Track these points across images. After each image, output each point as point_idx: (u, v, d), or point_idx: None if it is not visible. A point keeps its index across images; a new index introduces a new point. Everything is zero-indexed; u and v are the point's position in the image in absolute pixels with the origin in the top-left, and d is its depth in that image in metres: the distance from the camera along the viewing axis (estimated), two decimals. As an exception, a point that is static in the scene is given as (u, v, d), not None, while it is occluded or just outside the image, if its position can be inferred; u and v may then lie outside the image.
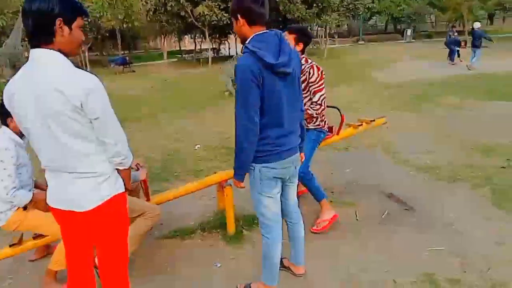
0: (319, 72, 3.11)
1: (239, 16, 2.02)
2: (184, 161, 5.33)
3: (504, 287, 2.45)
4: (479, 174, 4.23)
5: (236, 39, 27.50)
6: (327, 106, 3.31)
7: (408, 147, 5.30)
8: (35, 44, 1.58)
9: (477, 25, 14.18)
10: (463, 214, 3.42)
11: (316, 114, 3.17)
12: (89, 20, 19.07)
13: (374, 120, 4.07)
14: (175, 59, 25.74)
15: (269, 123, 2.06)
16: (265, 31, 2.02)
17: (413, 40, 31.23)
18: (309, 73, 3.11)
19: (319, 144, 3.42)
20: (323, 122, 3.36)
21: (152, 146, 6.12)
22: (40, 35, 1.58)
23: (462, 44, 15.57)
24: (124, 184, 1.87)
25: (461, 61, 14.71)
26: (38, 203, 2.60)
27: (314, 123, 3.31)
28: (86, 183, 1.72)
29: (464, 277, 2.57)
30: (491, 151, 4.97)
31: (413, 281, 2.56)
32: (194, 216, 3.61)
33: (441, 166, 4.54)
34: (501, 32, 32.17)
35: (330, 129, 3.54)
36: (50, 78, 1.55)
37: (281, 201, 2.40)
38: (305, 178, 3.23)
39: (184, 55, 27.10)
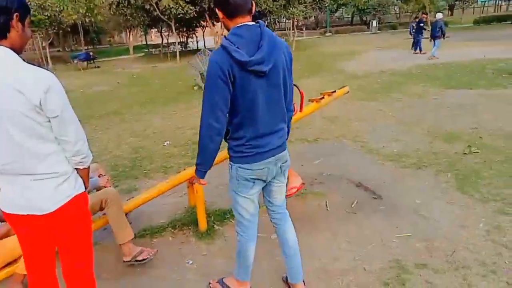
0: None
1: (217, 9, 1.91)
2: (154, 158, 5.23)
3: (467, 269, 2.55)
4: (443, 161, 4.38)
5: (204, 32, 27.22)
6: None
7: (376, 136, 5.42)
8: None
9: (439, 15, 14.60)
10: (428, 200, 3.53)
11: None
12: (49, 14, 18.34)
13: (335, 91, 3.90)
14: (142, 54, 25.23)
15: (244, 123, 1.95)
16: (244, 23, 1.87)
17: (379, 31, 31.92)
18: None
19: None
20: None
21: (120, 144, 5.97)
22: None
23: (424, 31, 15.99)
24: (84, 184, 1.83)
25: (423, 53, 15.12)
26: None
27: None
28: (46, 185, 1.66)
29: (431, 261, 2.66)
30: (453, 138, 5.15)
31: (383, 268, 2.62)
32: (164, 214, 3.55)
33: (407, 154, 4.66)
34: (460, 23, 33.36)
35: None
36: (5, 75, 1.48)
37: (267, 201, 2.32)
38: None
39: (151, 50, 26.58)
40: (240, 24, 1.87)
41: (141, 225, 3.37)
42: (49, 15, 18.75)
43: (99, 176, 2.97)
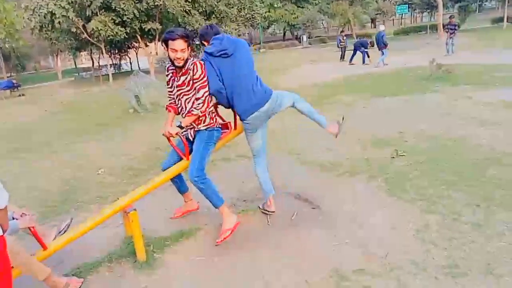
0: (203, 69, 3.11)
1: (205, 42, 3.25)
2: (87, 189, 4.96)
3: (401, 270, 2.68)
4: (374, 166, 4.62)
5: (137, 53, 26.66)
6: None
7: (310, 148, 5.59)
8: None
9: (381, 27, 15.61)
10: (362, 206, 3.69)
11: (202, 113, 3.13)
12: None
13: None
14: (72, 78, 24.14)
15: None
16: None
17: (310, 45, 33.35)
18: (193, 71, 3.09)
19: (215, 144, 3.34)
20: (213, 120, 3.31)
21: (49, 178, 5.59)
22: None
23: (369, 45, 16.95)
24: (1, 227, 1.69)
25: (368, 63, 16.03)
26: None
27: (204, 122, 3.25)
28: None
29: (367, 266, 2.77)
30: (382, 143, 5.47)
31: (323, 278, 2.69)
32: (99, 248, 3.35)
33: (340, 163, 4.86)
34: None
35: (225, 126, 3.49)
36: None
37: None
38: (199, 183, 3.07)
39: (81, 73, 25.52)
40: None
41: (74, 262, 3.15)
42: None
43: (21, 216, 2.73)
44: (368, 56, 16.49)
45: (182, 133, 3.23)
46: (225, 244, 3.24)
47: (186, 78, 3.15)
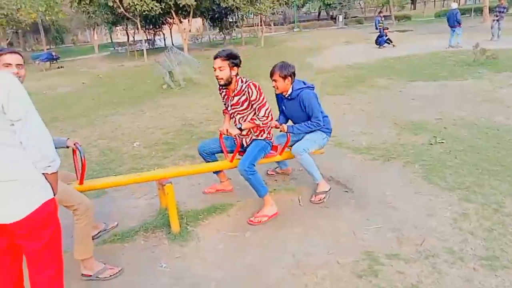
0: (257, 89, 3.24)
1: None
2: (123, 160, 5.10)
3: (436, 257, 2.62)
4: (410, 152, 4.50)
5: (171, 29, 26.78)
6: None
7: (345, 130, 5.50)
8: None
9: (453, 5, 14.91)
10: (397, 191, 3.61)
11: (263, 124, 3.29)
12: (5, 13, 17.55)
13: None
14: (108, 52, 24.60)
15: None
16: None
17: (345, 26, 32.43)
18: (249, 93, 3.24)
19: (264, 156, 3.48)
20: (270, 135, 3.49)
21: (87, 147, 5.78)
22: None
23: (385, 31, 16.30)
24: (53, 189, 1.76)
25: (393, 45, 15.48)
26: None
27: (262, 135, 3.43)
28: (12, 192, 1.60)
29: (401, 251, 2.72)
30: (419, 129, 5.30)
31: (355, 260, 2.66)
32: (135, 217, 3.47)
33: (376, 147, 4.76)
34: (422, 16, 34.37)
35: (275, 148, 3.60)
36: None
37: None
38: (248, 174, 3.21)
39: (116, 48, 25.94)
40: None
41: (111, 230, 3.28)
42: (5, 13, 17.92)
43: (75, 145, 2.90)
44: (391, 42, 15.85)
45: (240, 136, 3.38)
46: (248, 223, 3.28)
47: (240, 98, 3.32)
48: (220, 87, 3.41)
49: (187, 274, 2.70)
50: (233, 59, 3.19)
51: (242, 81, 3.27)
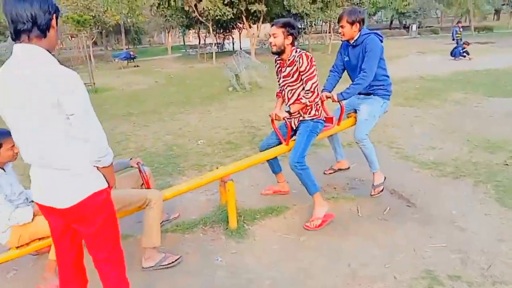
0: (309, 60, 3.13)
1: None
2: (187, 156, 5.35)
3: (504, 285, 2.44)
4: (483, 171, 4.21)
5: (240, 34, 27.50)
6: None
7: (412, 143, 5.28)
8: (22, 39, 1.60)
9: None
10: (465, 210, 3.41)
11: (310, 102, 3.19)
12: (94, 15, 19.12)
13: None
14: (180, 54, 25.79)
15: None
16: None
17: (418, 36, 31.04)
18: (299, 63, 3.15)
19: (317, 135, 3.40)
20: (318, 112, 3.36)
21: (155, 141, 6.14)
22: (35, 30, 1.60)
23: (465, 45, 15.32)
24: (108, 182, 1.86)
25: (470, 58, 14.57)
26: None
27: (309, 113, 3.32)
28: (64, 180, 1.72)
29: (465, 273, 2.57)
30: (495, 147, 4.94)
31: (414, 277, 2.56)
32: (195, 211, 3.63)
33: (444, 163, 4.52)
34: (507, 28, 31.82)
35: (330, 120, 3.50)
36: (37, 72, 1.57)
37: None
38: (298, 168, 3.17)
39: (188, 50, 27.13)
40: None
41: (174, 220, 3.46)
42: (93, 15, 19.56)
43: (137, 165, 3.11)
44: (468, 54, 14.81)
45: (288, 119, 3.33)
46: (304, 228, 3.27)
47: (291, 69, 3.25)
48: (276, 59, 3.38)
49: (242, 270, 2.77)
50: (289, 27, 3.12)
51: (296, 51, 3.19)
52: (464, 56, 14.89)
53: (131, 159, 3.18)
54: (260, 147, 3.67)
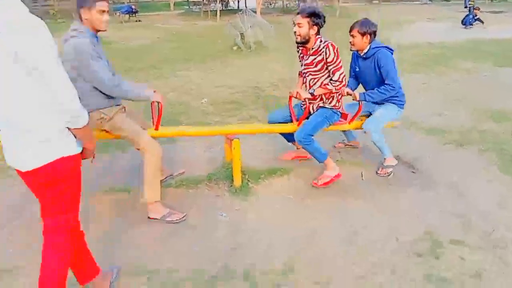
0: (335, 51, 3.09)
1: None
2: (191, 114, 5.29)
3: (504, 249, 2.48)
4: (488, 140, 4.18)
5: (245, -9, 26.52)
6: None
7: (418, 110, 5.22)
8: None
9: None
10: (468, 177, 3.41)
11: (336, 90, 3.17)
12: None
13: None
14: (182, 10, 25.05)
15: None
16: None
17: (430, 2, 30.06)
18: (326, 53, 3.09)
19: (329, 125, 3.37)
20: (339, 104, 3.35)
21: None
22: None
23: (476, 11, 14.81)
24: (83, 146, 1.77)
25: (484, 27, 14.17)
26: None
27: (330, 102, 3.30)
28: (29, 142, 1.61)
29: (466, 237, 2.60)
30: (503, 117, 4.88)
31: (416, 239, 2.60)
32: (200, 168, 3.63)
33: (449, 130, 4.49)
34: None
35: (344, 116, 3.47)
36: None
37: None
38: (304, 143, 3.18)
39: (191, 7, 26.29)
40: None
41: (178, 176, 3.46)
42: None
43: (154, 91, 2.96)
44: (481, 21, 14.39)
45: (309, 101, 3.29)
46: (316, 189, 3.29)
47: (315, 58, 3.18)
48: (298, 46, 3.30)
49: (245, 226, 2.80)
50: (315, 17, 3.05)
51: (321, 41, 3.13)
52: (478, 22, 14.46)
53: (155, 91, 2.97)
54: (268, 118, 3.57)
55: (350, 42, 3.40)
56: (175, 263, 2.43)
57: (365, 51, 3.39)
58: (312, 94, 3.21)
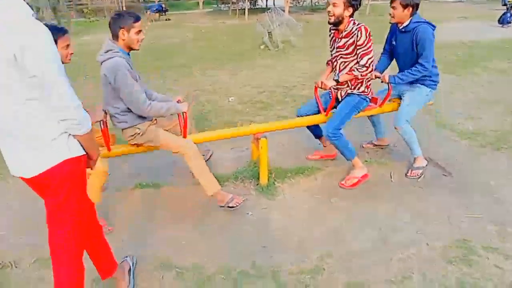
0: (367, 34, 3.00)
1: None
2: (219, 112, 5.33)
3: (543, 259, 2.37)
4: (526, 144, 4.01)
5: (273, -10, 26.47)
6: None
7: (451, 111, 5.06)
8: None
9: None
10: (504, 182, 3.28)
11: (362, 76, 3.09)
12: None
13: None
14: (211, 9, 25.23)
15: None
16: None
17: (464, 0, 29.11)
18: (357, 36, 3.02)
19: (359, 112, 3.31)
20: (368, 89, 3.27)
21: (187, 97, 6.12)
22: None
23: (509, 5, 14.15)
24: (88, 151, 1.74)
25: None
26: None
27: (359, 88, 3.23)
28: (28, 147, 1.58)
29: (502, 246, 2.50)
30: (540, 120, 4.67)
31: (448, 245, 2.52)
32: (227, 166, 3.65)
33: (484, 133, 4.33)
34: None
35: (374, 100, 3.38)
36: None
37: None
38: (333, 138, 3.13)
39: (220, 5, 26.47)
40: None
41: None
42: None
43: (178, 101, 3.08)
44: None
45: (335, 88, 3.23)
46: (344, 189, 3.24)
47: (347, 41, 3.11)
48: (331, 28, 3.23)
49: (272, 225, 2.80)
50: None
51: (354, 23, 3.05)
52: (511, 23, 13.87)
53: (179, 100, 3.09)
54: (297, 112, 3.55)
55: (390, 14, 3.28)
56: (202, 260, 2.46)
57: (405, 24, 3.22)
58: (337, 81, 3.14)
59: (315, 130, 3.65)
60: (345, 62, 3.18)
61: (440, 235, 2.64)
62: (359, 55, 3.06)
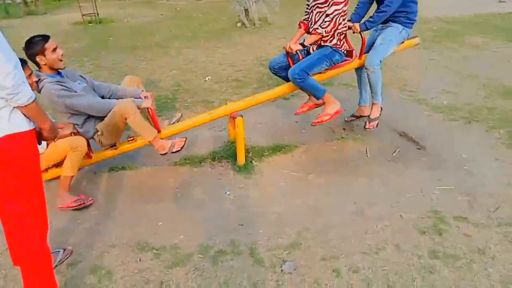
0: None
1: None
2: (194, 92, 5.25)
3: (509, 226, 2.47)
4: (497, 117, 4.11)
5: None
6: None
7: (425, 86, 5.13)
8: None
9: None
10: (476, 155, 3.37)
11: (326, 33, 3.05)
12: None
13: (403, 42, 3.59)
14: (186, -13, 24.56)
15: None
16: None
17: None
18: None
19: (331, 66, 3.25)
20: (340, 42, 3.19)
21: (162, 76, 6.01)
22: None
23: None
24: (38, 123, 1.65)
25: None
26: None
27: (330, 42, 3.15)
28: None
29: (471, 215, 2.59)
30: (511, 94, 4.79)
31: (420, 217, 2.59)
32: (204, 146, 3.62)
33: (457, 107, 4.41)
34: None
35: (350, 53, 3.33)
36: None
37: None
38: (298, 80, 3.07)
39: (195, -17, 25.77)
40: None
41: (182, 154, 3.45)
42: None
43: (145, 97, 3.06)
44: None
45: (301, 51, 3.19)
46: (321, 166, 3.28)
47: None
48: None
49: (249, 203, 2.82)
50: None
51: None
52: None
53: (142, 90, 3.14)
54: (270, 65, 3.43)
55: None
56: (180, 240, 2.46)
57: None
58: (302, 44, 3.11)
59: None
60: (320, 12, 3.09)
61: (413, 207, 2.70)
62: (329, 4, 2.99)
